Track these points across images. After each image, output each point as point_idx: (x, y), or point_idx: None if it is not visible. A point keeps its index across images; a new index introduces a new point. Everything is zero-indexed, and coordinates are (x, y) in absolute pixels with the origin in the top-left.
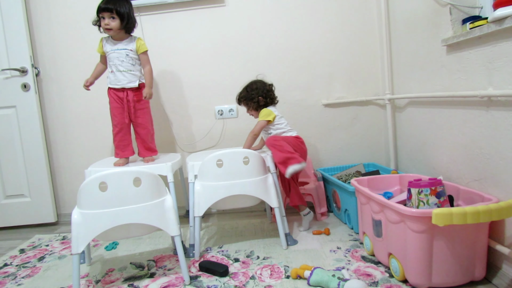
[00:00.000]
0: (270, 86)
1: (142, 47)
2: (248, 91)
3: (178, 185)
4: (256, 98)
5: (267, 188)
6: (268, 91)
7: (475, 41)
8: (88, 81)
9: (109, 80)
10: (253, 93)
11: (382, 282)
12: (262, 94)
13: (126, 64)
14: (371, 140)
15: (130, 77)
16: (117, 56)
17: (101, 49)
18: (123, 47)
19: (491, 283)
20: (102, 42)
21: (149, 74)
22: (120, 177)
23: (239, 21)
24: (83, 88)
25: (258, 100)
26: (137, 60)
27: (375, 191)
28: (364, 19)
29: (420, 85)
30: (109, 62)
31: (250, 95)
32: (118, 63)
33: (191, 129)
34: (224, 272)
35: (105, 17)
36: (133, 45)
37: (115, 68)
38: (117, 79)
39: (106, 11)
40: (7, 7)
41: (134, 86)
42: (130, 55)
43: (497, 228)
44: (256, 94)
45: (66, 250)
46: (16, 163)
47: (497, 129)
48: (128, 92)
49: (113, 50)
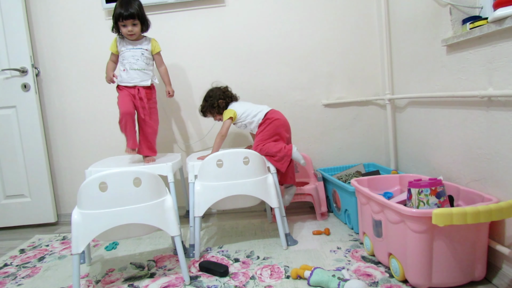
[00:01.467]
0: (225, 87)
1: (157, 47)
2: (207, 101)
3: (178, 185)
4: (216, 103)
5: (267, 188)
6: (224, 92)
7: (475, 41)
8: (109, 76)
9: (121, 79)
10: (211, 100)
11: (382, 282)
12: (220, 97)
13: (141, 63)
14: (371, 140)
15: (143, 76)
16: (132, 55)
17: (115, 48)
18: (139, 46)
19: (491, 283)
20: (117, 41)
21: (167, 73)
22: (120, 177)
23: (239, 21)
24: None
25: (218, 104)
26: (151, 60)
27: (375, 191)
28: (364, 19)
29: (420, 85)
30: (123, 60)
31: (210, 103)
32: (133, 61)
33: (191, 129)
34: (224, 272)
35: (127, 25)
36: (148, 45)
37: (129, 66)
38: (130, 77)
39: (129, 19)
40: (7, 7)
41: (146, 85)
42: (145, 55)
43: (497, 228)
44: (215, 99)
45: (66, 250)
46: (16, 163)
47: (497, 129)
48: (140, 89)
49: (129, 49)
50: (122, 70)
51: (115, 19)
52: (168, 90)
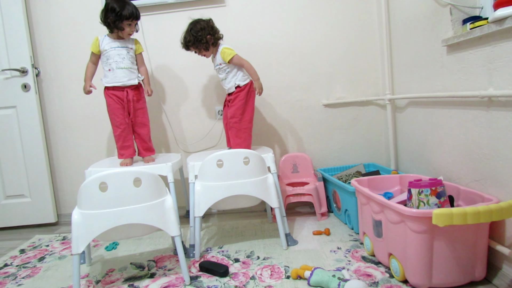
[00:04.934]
0: (211, 20)
1: (140, 48)
2: (195, 34)
3: (179, 185)
4: (204, 39)
5: (267, 188)
6: (212, 27)
7: (475, 41)
8: (86, 87)
9: (107, 80)
10: (200, 34)
11: (382, 283)
12: (209, 32)
13: (127, 62)
14: (371, 140)
15: (130, 75)
16: (117, 53)
17: (97, 48)
18: (124, 45)
19: (491, 284)
20: (99, 40)
21: (147, 73)
22: (120, 177)
23: (239, 21)
24: (85, 94)
25: (207, 39)
26: (135, 59)
27: (375, 191)
28: (364, 19)
29: (421, 85)
30: (107, 60)
31: (198, 37)
32: (119, 60)
33: (191, 129)
34: (224, 272)
35: (132, 25)
36: (132, 45)
37: (115, 65)
38: (116, 76)
39: (137, 20)
40: (7, 7)
41: (134, 84)
42: (130, 53)
43: (498, 229)
44: (204, 34)
45: (66, 251)
46: (16, 163)
47: (497, 129)
48: (128, 91)
49: (113, 47)
50: (107, 70)
51: (122, 17)
52: (147, 89)
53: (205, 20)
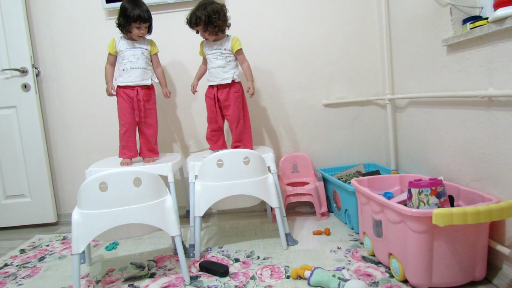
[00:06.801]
0: (225, 7)
1: (155, 48)
2: (210, 15)
3: (179, 185)
4: (217, 23)
5: (267, 188)
6: (225, 14)
7: (475, 41)
8: (109, 90)
9: (120, 79)
10: (215, 17)
11: (382, 282)
12: (222, 18)
13: (141, 62)
14: (371, 140)
15: (144, 75)
16: (132, 54)
17: (114, 48)
18: (139, 46)
19: (491, 283)
20: (115, 41)
21: (163, 74)
22: (121, 177)
23: (239, 21)
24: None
25: (219, 24)
26: (150, 60)
27: (375, 191)
28: (364, 19)
29: (421, 85)
30: (122, 60)
31: (212, 20)
32: (134, 60)
33: (191, 129)
34: (225, 272)
35: (141, 27)
36: (148, 46)
37: (130, 65)
38: (130, 76)
39: (146, 22)
40: (7, 7)
41: (146, 84)
42: (145, 54)
43: (498, 228)
44: (218, 19)
45: (67, 250)
46: (16, 163)
47: (497, 129)
48: (139, 90)
49: (129, 48)
50: (122, 70)
51: (130, 19)
52: (165, 91)
53: (219, 4)
